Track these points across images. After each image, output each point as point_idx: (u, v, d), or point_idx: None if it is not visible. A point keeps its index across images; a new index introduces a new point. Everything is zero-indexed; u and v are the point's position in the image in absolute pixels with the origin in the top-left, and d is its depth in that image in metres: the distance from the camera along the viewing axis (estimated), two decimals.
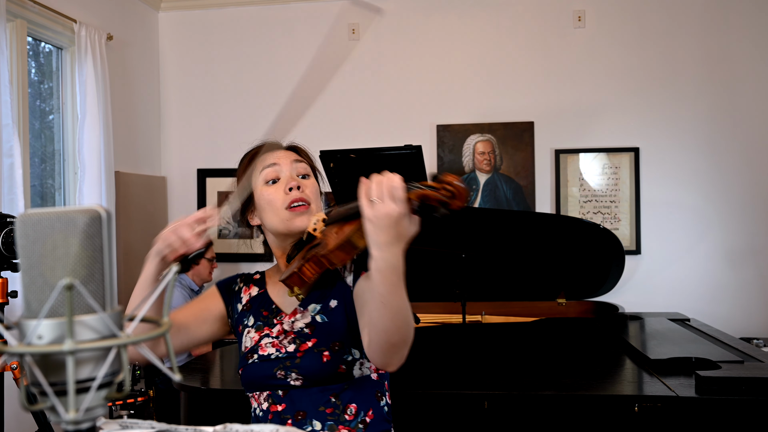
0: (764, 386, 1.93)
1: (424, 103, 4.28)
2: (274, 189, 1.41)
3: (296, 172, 1.43)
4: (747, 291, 3.98)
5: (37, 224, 0.59)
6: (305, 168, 1.45)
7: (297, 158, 1.45)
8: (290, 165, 1.43)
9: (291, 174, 1.42)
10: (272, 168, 1.42)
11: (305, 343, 1.37)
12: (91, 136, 3.65)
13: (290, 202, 1.38)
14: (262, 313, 1.46)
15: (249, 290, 1.52)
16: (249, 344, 1.43)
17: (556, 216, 3.93)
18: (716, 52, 4.02)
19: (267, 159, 1.43)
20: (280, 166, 1.42)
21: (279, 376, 1.36)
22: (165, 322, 0.62)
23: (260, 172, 1.43)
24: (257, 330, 1.44)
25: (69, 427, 0.58)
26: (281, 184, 1.41)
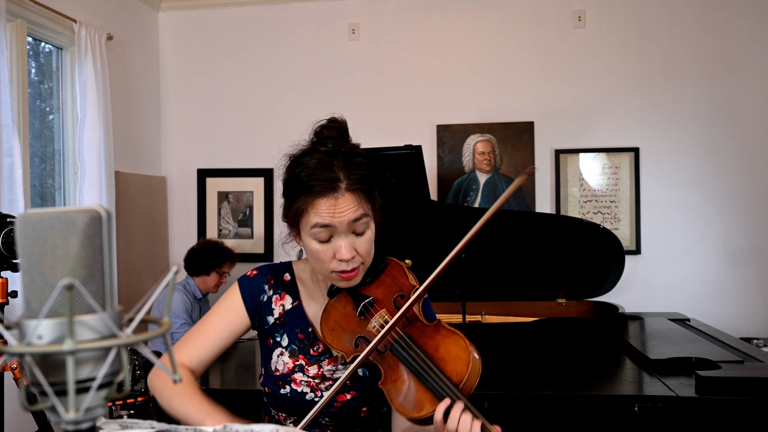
0: (764, 386, 1.93)
1: (424, 103, 4.28)
2: (323, 249, 1.25)
3: (353, 230, 1.25)
4: (747, 291, 3.98)
5: (37, 224, 0.59)
6: (364, 224, 1.26)
7: (355, 216, 1.23)
8: (347, 228, 1.23)
9: (346, 241, 1.24)
10: (325, 231, 1.24)
11: (344, 394, 1.32)
12: (91, 136, 3.65)
13: (340, 270, 1.26)
14: (297, 335, 1.38)
15: (281, 300, 1.40)
16: (281, 369, 1.36)
17: (556, 216, 3.93)
18: (716, 52, 4.02)
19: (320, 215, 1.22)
20: (334, 229, 1.23)
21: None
22: (165, 322, 0.62)
23: (310, 228, 1.25)
24: (291, 355, 1.36)
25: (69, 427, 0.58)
26: (332, 247, 1.25)
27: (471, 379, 1.18)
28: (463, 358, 1.19)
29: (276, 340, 1.38)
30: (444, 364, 1.19)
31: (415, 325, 1.27)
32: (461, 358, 1.19)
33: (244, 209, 4.49)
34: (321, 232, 1.24)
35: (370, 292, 1.33)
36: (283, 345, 1.37)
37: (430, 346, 1.22)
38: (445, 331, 1.24)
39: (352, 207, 1.23)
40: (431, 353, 1.21)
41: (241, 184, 4.47)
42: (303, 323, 1.38)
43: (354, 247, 1.25)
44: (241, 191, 4.48)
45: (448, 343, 1.22)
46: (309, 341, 1.36)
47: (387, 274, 1.35)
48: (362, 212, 1.24)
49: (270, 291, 1.41)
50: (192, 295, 3.80)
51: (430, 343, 1.23)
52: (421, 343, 1.23)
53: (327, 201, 1.22)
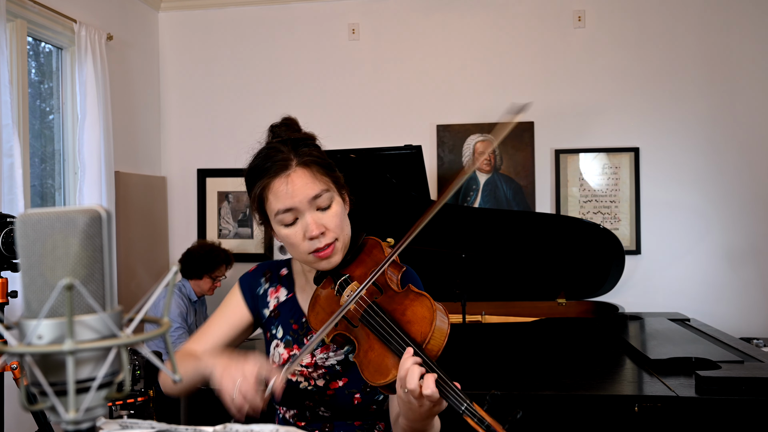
0: (764, 386, 1.93)
1: (424, 103, 4.28)
2: (293, 232, 1.27)
3: (316, 207, 1.26)
4: (747, 291, 3.98)
5: (37, 224, 0.59)
6: (327, 198, 1.27)
7: (316, 193, 1.25)
8: (308, 204, 1.25)
9: (312, 218, 1.25)
10: (288, 214, 1.26)
11: (336, 381, 1.34)
12: (91, 136, 3.65)
13: (314, 250, 1.27)
14: (292, 326, 1.40)
15: (276, 293, 1.43)
16: (277, 360, 1.38)
17: (556, 216, 3.93)
18: (716, 52, 4.02)
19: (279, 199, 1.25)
20: (297, 209, 1.26)
21: (307, 405, 1.35)
22: (165, 322, 0.62)
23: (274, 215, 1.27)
24: (286, 346, 1.38)
25: (69, 427, 0.58)
26: (300, 228, 1.26)
27: (436, 338, 1.15)
28: (428, 317, 1.16)
29: (272, 333, 1.41)
30: (409, 326, 1.17)
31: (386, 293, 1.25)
32: (426, 317, 1.17)
33: (244, 209, 4.49)
34: (285, 217, 1.26)
35: (350, 271, 1.32)
36: (278, 336, 1.40)
37: (398, 311, 1.21)
38: (413, 294, 1.22)
39: (308, 182, 1.25)
40: (398, 317, 1.19)
41: (241, 184, 4.41)
42: (297, 314, 1.40)
43: (322, 223, 1.26)
44: (241, 191, 4.48)
45: (414, 306, 1.20)
46: (303, 331, 1.38)
47: (366, 252, 1.34)
48: (321, 187, 1.26)
49: (266, 284, 1.44)
50: (187, 298, 3.79)
51: (398, 309, 1.21)
52: (389, 310, 1.21)
53: (281, 181, 1.25)
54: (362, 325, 1.22)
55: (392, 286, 1.27)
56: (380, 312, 1.20)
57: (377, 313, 1.20)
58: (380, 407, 1.35)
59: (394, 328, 1.17)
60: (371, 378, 1.17)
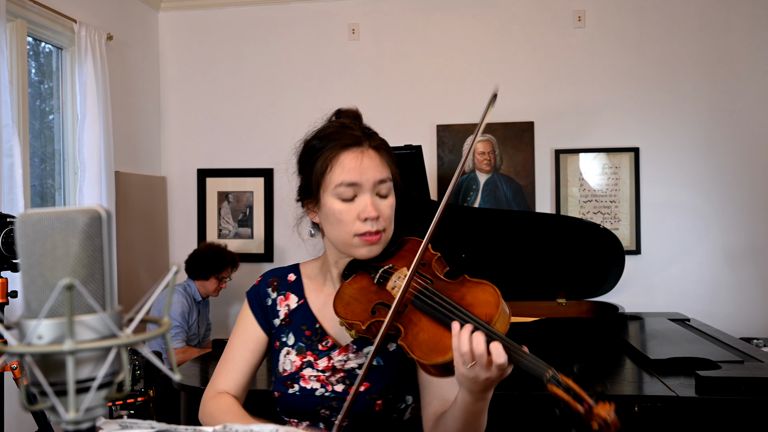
0: (764, 386, 1.93)
1: (424, 103, 4.28)
2: (347, 209, 1.23)
3: (377, 192, 1.24)
4: (747, 291, 3.98)
5: (37, 224, 0.59)
6: (388, 187, 1.26)
7: (381, 178, 1.24)
8: (372, 186, 1.23)
9: (371, 199, 1.23)
10: (350, 188, 1.22)
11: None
12: (91, 136, 3.65)
13: (363, 232, 1.22)
14: (304, 332, 1.34)
15: (286, 300, 1.37)
16: (289, 368, 1.31)
17: (556, 216, 3.93)
18: (716, 52, 4.02)
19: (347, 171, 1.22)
20: (360, 187, 1.22)
21: (323, 414, 1.26)
22: (165, 322, 0.62)
23: (334, 186, 1.23)
24: (298, 353, 1.32)
25: (69, 427, 0.58)
26: (356, 207, 1.23)
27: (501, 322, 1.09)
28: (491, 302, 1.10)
29: (282, 341, 1.35)
30: (472, 309, 1.10)
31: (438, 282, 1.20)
32: (489, 301, 1.11)
33: (244, 209, 4.49)
34: (346, 191, 1.22)
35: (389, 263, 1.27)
36: (289, 344, 1.33)
37: (455, 296, 1.15)
38: (470, 283, 1.17)
39: (378, 166, 1.24)
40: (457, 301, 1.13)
41: (241, 184, 4.47)
42: (309, 320, 1.34)
43: (379, 208, 1.23)
44: (241, 191, 4.48)
45: (475, 291, 1.14)
46: (317, 337, 1.32)
47: (406, 249, 1.30)
48: (387, 174, 1.26)
49: (274, 293, 1.39)
50: (191, 297, 3.80)
51: (456, 294, 1.15)
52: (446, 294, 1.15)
53: (353, 154, 1.23)
54: (412, 308, 1.16)
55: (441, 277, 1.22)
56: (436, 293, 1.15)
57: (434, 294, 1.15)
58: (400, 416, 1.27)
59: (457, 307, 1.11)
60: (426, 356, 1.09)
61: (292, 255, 4.38)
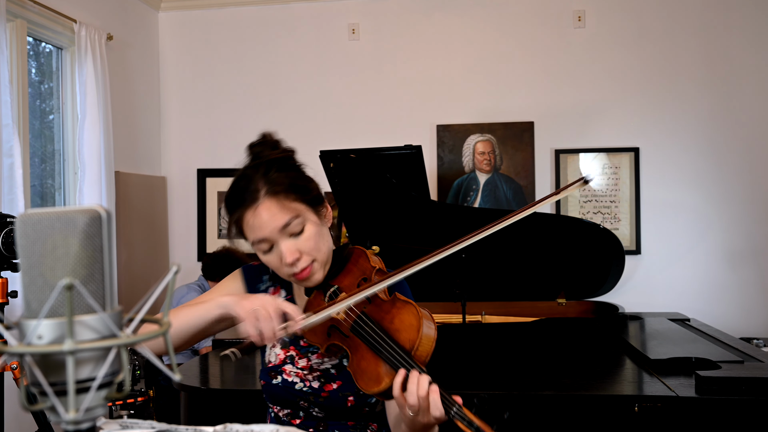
0: (764, 386, 1.93)
1: (424, 103, 4.28)
2: (271, 258, 1.30)
3: (288, 234, 1.27)
4: (747, 291, 3.98)
5: (37, 224, 0.59)
6: (297, 224, 1.27)
7: (284, 222, 1.25)
8: (279, 234, 1.26)
9: (285, 246, 1.27)
10: (263, 243, 1.28)
11: (330, 383, 1.36)
12: (91, 136, 3.65)
13: (293, 274, 1.30)
14: None
15: (276, 293, 1.45)
16: (273, 360, 1.41)
17: (556, 216, 3.92)
18: (716, 52, 4.02)
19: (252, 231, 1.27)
20: (269, 239, 1.27)
21: (302, 405, 1.37)
22: (165, 322, 0.62)
23: (252, 245, 1.30)
24: (283, 347, 1.41)
25: (69, 427, 0.58)
26: (276, 254, 1.28)
27: (424, 345, 1.18)
28: (414, 325, 1.19)
29: None
30: (398, 335, 1.20)
31: (375, 302, 1.28)
32: (413, 325, 1.19)
33: None
34: (261, 245, 1.28)
35: (338, 281, 1.35)
36: None
37: (386, 319, 1.24)
38: (399, 302, 1.25)
39: (275, 213, 1.25)
40: (386, 326, 1.22)
41: None
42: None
43: (297, 248, 1.27)
44: None
45: (402, 314, 1.22)
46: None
47: (352, 262, 1.37)
48: (289, 216, 1.26)
49: (268, 282, 1.46)
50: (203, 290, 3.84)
51: (386, 317, 1.24)
52: (377, 319, 1.24)
53: (250, 213, 1.26)
54: (353, 335, 1.25)
55: (380, 295, 1.29)
56: (369, 322, 1.23)
57: (366, 323, 1.23)
58: (372, 409, 1.37)
59: (384, 337, 1.19)
60: (365, 387, 1.20)
61: None
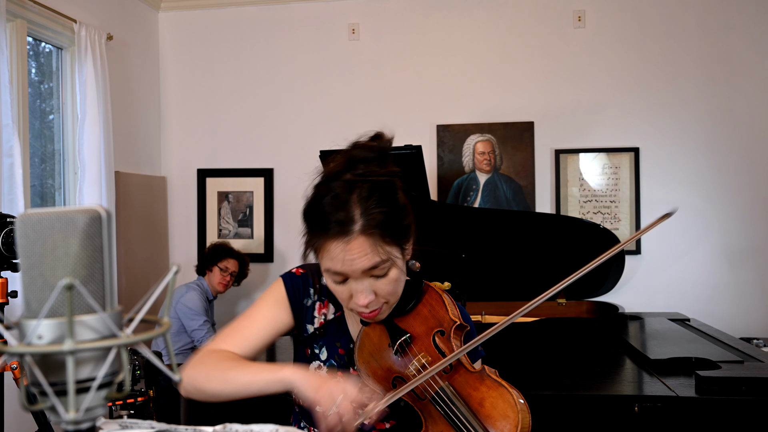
0: (764, 386, 1.93)
1: (424, 103, 4.28)
2: (341, 289, 1.17)
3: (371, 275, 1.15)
4: (747, 291, 3.98)
5: (37, 224, 0.59)
6: (384, 268, 1.14)
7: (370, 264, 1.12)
8: (362, 275, 1.14)
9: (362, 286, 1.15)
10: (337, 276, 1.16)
11: (383, 423, 1.26)
12: (91, 136, 3.65)
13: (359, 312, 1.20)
14: (338, 350, 1.30)
15: (324, 308, 1.33)
16: None
17: (556, 216, 3.92)
18: (716, 52, 4.02)
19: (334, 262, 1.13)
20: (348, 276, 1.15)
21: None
22: (165, 322, 0.62)
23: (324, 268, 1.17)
24: (329, 370, 1.29)
25: (69, 427, 0.58)
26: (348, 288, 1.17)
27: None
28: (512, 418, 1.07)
29: (314, 352, 1.31)
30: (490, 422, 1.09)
31: (458, 371, 1.17)
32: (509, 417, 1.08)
33: (244, 209, 4.49)
34: (335, 276, 1.16)
35: (407, 325, 1.23)
36: (321, 359, 1.30)
37: (474, 398, 1.13)
38: (490, 381, 1.14)
39: (366, 254, 1.11)
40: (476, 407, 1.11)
41: (241, 184, 4.47)
42: (344, 338, 1.31)
43: (373, 290, 1.16)
44: (241, 191, 4.48)
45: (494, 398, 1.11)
46: (349, 358, 1.30)
47: (424, 304, 1.24)
48: (378, 259, 1.12)
49: (315, 296, 1.33)
50: (206, 295, 3.85)
51: (474, 395, 1.13)
52: (464, 395, 1.13)
53: (337, 245, 1.11)
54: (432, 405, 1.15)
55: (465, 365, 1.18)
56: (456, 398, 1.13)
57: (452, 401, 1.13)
58: None
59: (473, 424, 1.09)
60: None
61: (292, 255, 4.38)
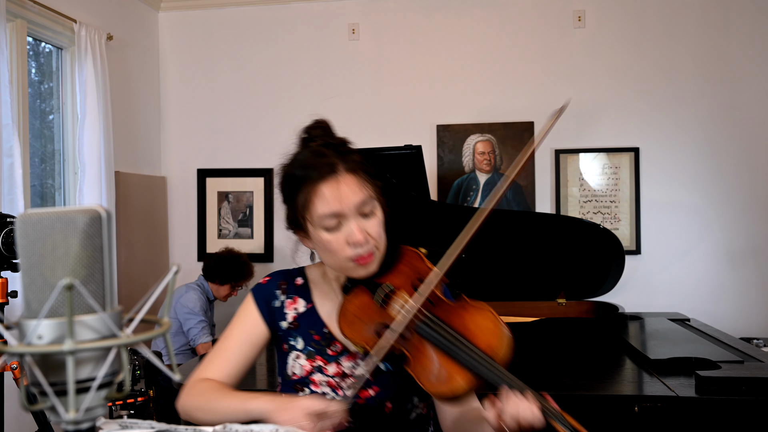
0: (764, 386, 1.93)
1: (424, 103, 4.28)
2: (335, 238, 1.23)
3: (361, 213, 1.24)
4: (747, 291, 3.98)
5: (37, 224, 0.59)
6: (371, 205, 1.25)
7: (362, 199, 1.23)
8: (354, 211, 1.23)
9: (356, 224, 1.23)
10: (333, 218, 1.22)
11: (366, 390, 1.29)
12: (91, 136, 3.65)
13: (355, 257, 1.24)
14: (313, 336, 1.35)
15: (294, 304, 1.38)
16: (299, 372, 1.33)
17: (556, 216, 3.92)
18: (716, 52, 4.02)
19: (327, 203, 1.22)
20: (343, 215, 1.22)
21: None
22: (165, 322, 0.62)
23: (318, 219, 1.23)
24: (308, 357, 1.33)
25: (69, 427, 0.58)
26: (343, 234, 1.23)
27: (504, 352, 1.15)
28: (494, 331, 1.15)
29: (290, 344, 1.36)
30: (475, 339, 1.15)
31: (440, 306, 1.23)
32: (491, 330, 1.15)
33: (244, 209, 4.49)
34: (330, 221, 1.22)
35: (388, 280, 1.29)
36: (298, 348, 1.35)
37: (457, 322, 1.19)
38: (471, 306, 1.21)
39: (356, 188, 1.23)
40: (461, 329, 1.17)
41: (241, 184, 4.47)
42: (317, 324, 1.36)
43: (365, 230, 1.23)
44: (241, 191, 4.48)
45: (476, 318, 1.18)
46: (325, 342, 1.34)
47: (404, 263, 1.31)
48: (367, 194, 1.24)
49: (282, 296, 1.39)
50: (206, 295, 3.84)
51: (458, 320, 1.19)
52: (448, 321, 1.19)
53: (329, 186, 1.22)
54: (417, 335, 1.19)
55: (444, 300, 1.24)
56: (440, 323, 1.18)
57: (438, 325, 1.18)
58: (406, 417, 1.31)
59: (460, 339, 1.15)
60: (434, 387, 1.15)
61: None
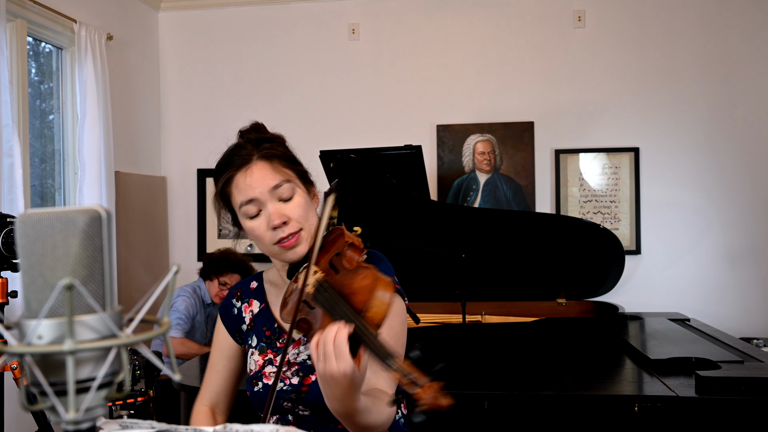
0: (764, 386, 1.93)
1: (424, 103, 4.28)
2: (257, 224, 1.30)
3: (278, 198, 1.30)
4: (747, 291, 3.98)
5: (37, 224, 0.59)
6: (288, 188, 1.30)
7: (276, 183, 1.29)
8: (270, 195, 1.29)
9: (274, 208, 1.29)
10: (251, 205, 1.30)
11: (309, 376, 1.33)
12: (91, 136, 3.65)
13: (278, 240, 1.29)
14: (265, 332, 1.42)
15: (250, 307, 1.47)
16: (253, 368, 1.41)
17: (556, 216, 3.92)
18: (716, 52, 4.02)
19: (242, 191, 1.30)
20: (259, 200, 1.29)
21: (286, 407, 1.35)
22: (165, 322, 0.62)
23: (239, 208, 1.32)
24: (261, 352, 1.41)
25: (69, 427, 0.58)
26: (264, 219, 1.29)
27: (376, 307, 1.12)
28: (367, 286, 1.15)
29: (249, 344, 1.45)
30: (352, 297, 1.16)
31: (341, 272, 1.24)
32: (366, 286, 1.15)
33: None
34: (249, 208, 1.30)
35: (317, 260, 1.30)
36: (253, 345, 1.43)
37: (346, 286, 1.19)
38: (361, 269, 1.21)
39: (268, 173, 1.29)
40: (345, 292, 1.18)
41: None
42: (269, 321, 1.43)
43: (284, 213, 1.28)
44: None
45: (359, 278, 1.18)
46: (275, 336, 1.41)
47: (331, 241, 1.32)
48: (281, 177, 1.30)
49: (238, 303, 1.49)
50: (200, 298, 3.81)
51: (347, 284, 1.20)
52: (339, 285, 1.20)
53: (242, 175, 1.30)
54: (317, 304, 1.20)
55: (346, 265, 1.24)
56: (329, 288, 1.20)
57: (326, 290, 1.20)
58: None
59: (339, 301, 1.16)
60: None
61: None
